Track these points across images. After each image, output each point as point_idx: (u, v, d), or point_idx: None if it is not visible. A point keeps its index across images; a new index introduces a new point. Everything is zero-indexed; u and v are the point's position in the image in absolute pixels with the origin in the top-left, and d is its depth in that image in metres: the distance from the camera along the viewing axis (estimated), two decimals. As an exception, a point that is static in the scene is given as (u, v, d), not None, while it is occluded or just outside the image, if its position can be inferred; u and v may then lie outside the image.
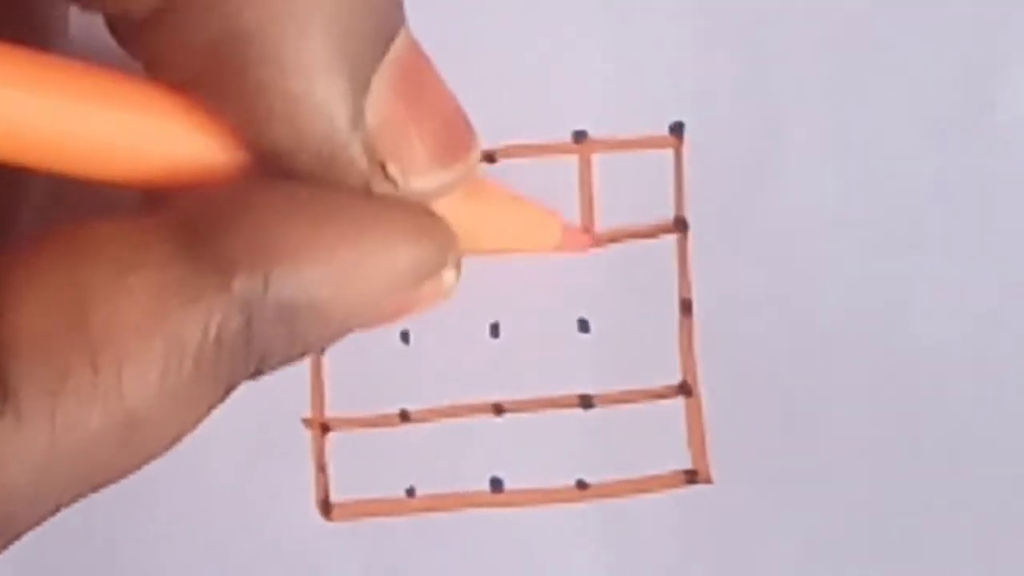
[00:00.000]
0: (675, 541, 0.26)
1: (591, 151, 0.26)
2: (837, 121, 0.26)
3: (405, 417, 0.26)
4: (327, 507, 0.26)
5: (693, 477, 0.26)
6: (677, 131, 0.26)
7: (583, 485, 0.26)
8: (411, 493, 0.26)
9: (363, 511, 0.26)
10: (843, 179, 0.26)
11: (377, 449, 0.26)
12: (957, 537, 0.26)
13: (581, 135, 0.26)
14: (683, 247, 0.26)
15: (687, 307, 0.26)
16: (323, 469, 0.26)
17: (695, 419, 0.26)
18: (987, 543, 0.26)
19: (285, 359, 0.20)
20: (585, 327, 0.26)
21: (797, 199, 0.26)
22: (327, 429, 0.26)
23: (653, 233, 0.26)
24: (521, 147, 0.26)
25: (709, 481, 0.26)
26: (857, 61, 0.26)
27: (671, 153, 0.26)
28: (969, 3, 0.26)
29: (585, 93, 0.26)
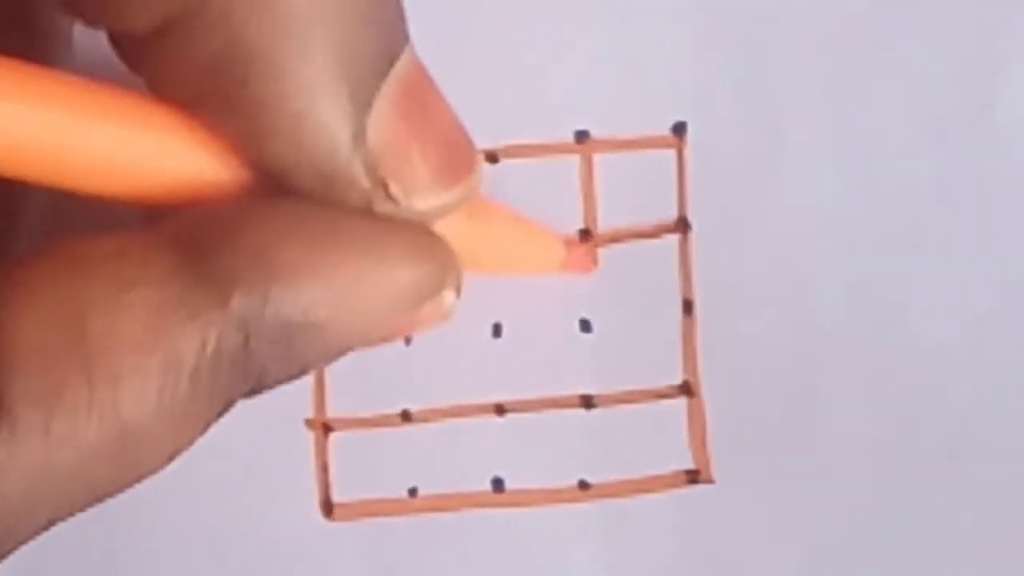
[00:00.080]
0: (676, 541, 0.26)
1: (593, 151, 0.26)
2: (837, 121, 0.26)
3: (407, 417, 0.26)
4: (329, 507, 0.26)
5: (695, 477, 0.26)
6: (679, 131, 0.26)
7: (585, 485, 0.26)
8: (413, 493, 0.26)
9: (365, 511, 0.26)
10: (844, 179, 0.26)
11: (379, 449, 0.26)
12: (957, 537, 0.26)
13: (583, 135, 0.26)
14: (685, 247, 0.26)
15: (689, 307, 0.26)
16: (325, 469, 0.26)
17: (697, 419, 0.26)
18: (987, 543, 0.26)
19: (283, 377, 0.20)
20: (587, 327, 0.26)
21: (798, 199, 0.26)
22: (329, 429, 0.26)
23: (655, 233, 0.26)
24: (523, 147, 0.26)
25: (711, 481, 0.26)
26: (857, 61, 0.26)
27: (673, 153, 0.26)
28: (969, 3, 0.26)
29: (587, 93, 0.26)
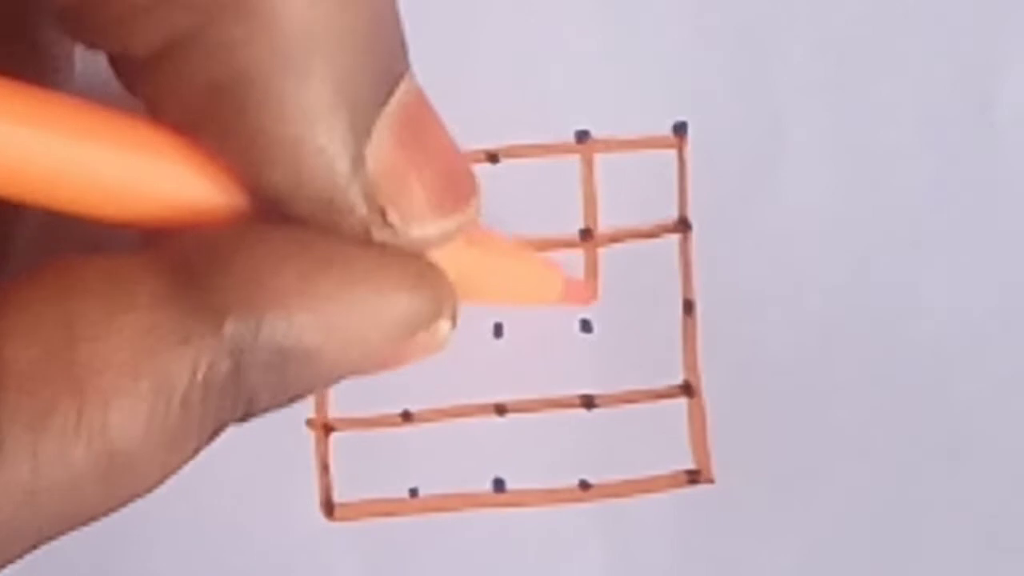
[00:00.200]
0: (677, 541, 0.26)
1: (594, 151, 0.26)
2: (837, 121, 0.26)
3: (408, 418, 0.26)
4: (330, 507, 0.26)
5: (695, 477, 0.26)
6: (680, 131, 0.26)
7: (586, 485, 0.26)
8: (414, 493, 0.26)
9: (366, 511, 0.26)
10: (844, 179, 0.26)
11: (380, 450, 0.26)
12: (957, 537, 0.26)
13: (584, 135, 0.26)
14: (686, 247, 0.26)
15: (690, 307, 0.26)
16: (326, 469, 0.26)
17: (697, 419, 0.26)
18: (987, 543, 0.26)
19: (274, 404, 0.20)
20: (587, 327, 0.26)
21: (798, 199, 0.26)
22: (330, 430, 0.26)
23: (656, 233, 0.26)
24: (523, 147, 0.26)
25: (711, 481, 0.26)
26: (857, 61, 0.26)
27: (674, 153, 0.26)
28: (969, 3, 0.26)
29: (587, 93, 0.26)
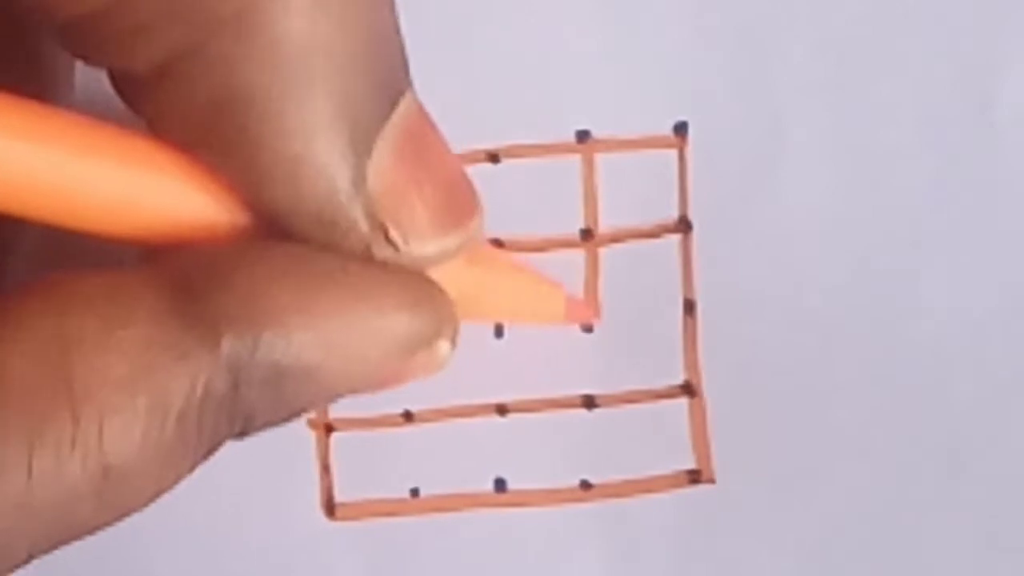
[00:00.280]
0: (677, 541, 0.26)
1: (594, 151, 0.26)
2: (837, 121, 0.26)
3: (409, 418, 0.26)
4: (331, 507, 0.26)
5: (696, 477, 0.26)
6: (681, 131, 0.26)
7: (587, 485, 0.26)
8: (415, 493, 0.26)
9: (367, 511, 0.26)
10: (844, 179, 0.26)
11: (381, 450, 0.26)
12: (957, 537, 0.26)
13: (584, 135, 0.26)
14: (687, 247, 0.26)
15: (691, 307, 0.26)
16: (327, 469, 0.26)
17: (698, 419, 0.26)
18: (987, 543, 0.26)
19: (272, 421, 0.20)
20: (588, 327, 0.26)
21: (798, 199, 0.26)
22: (331, 429, 0.26)
23: (656, 233, 0.26)
24: (524, 147, 0.26)
25: (712, 481, 0.26)
26: (857, 61, 0.26)
27: (674, 153, 0.26)
28: (969, 3, 0.26)
29: (588, 93, 0.26)
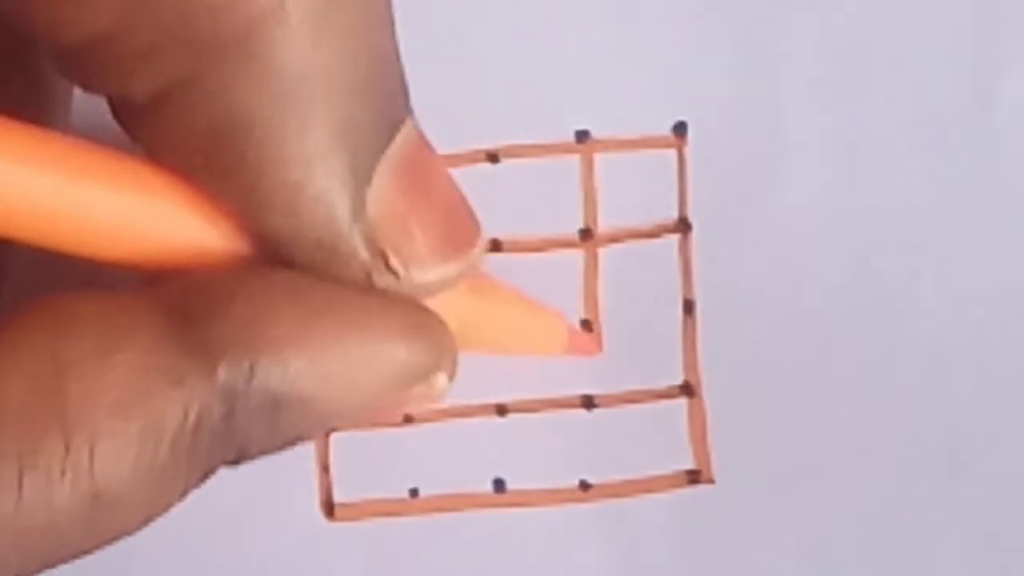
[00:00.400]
0: (677, 541, 0.26)
1: (593, 151, 0.26)
2: (837, 121, 0.26)
3: (408, 418, 0.26)
4: (330, 507, 0.26)
5: (695, 477, 0.26)
6: (680, 131, 0.26)
7: (586, 485, 0.26)
8: (414, 494, 0.26)
9: (366, 512, 0.26)
10: (844, 179, 0.26)
11: (380, 450, 0.26)
12: (957, 537, 0.26)
13: (584, 135, 0.26)
14: (686, 247, 0.26)
15: (690, 307, 0.26)
16: (326, 469, 0.26)
17: (697, 419, 0.26)
18: (987, 543, 0.26)
19: (266, 449, 0.20)
20: (587, 327, 0.26)
21: (798, 199, 0.26)
22: (330, 430, 0.26)
23: (656, 233, 0.26)
24: (523, 147, 0.26)
25: (711, 481, 0.26)
26: (857, 61, 0.26)
27: (674, 153, 0.26)
28: (969, 3, 0.26)
29: (587, 93, 0.26)
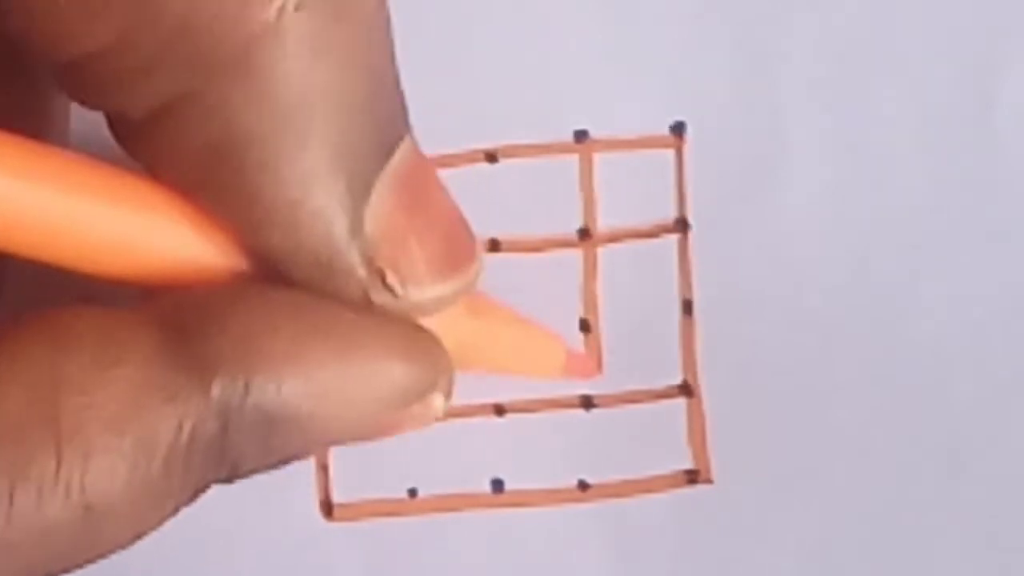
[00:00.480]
0: (676, 541, 0.26)
1: (592, 151, 0.26)
2: (837, 121, 0.26)
3: (407, 418, 0.26)
4: (329, 508, 0.26)
5: (694, 477, 0.26)
6: (678, 131, 0.26)
7: (584, 485, 0.26)
8: (413, 494, 0.26)
9: (365, 512, 0.26)
10: (844, 179, 0.26)
11: (379, 450, 0.26)
12: (957, 537, 0.26)
13: (582, 135, 0.26)
14: (684, 247, 0.26)
15: (688, 307, 0.26)
16: (325, 470, 0.26)
17: (696, 419, 0.26)
18: (987, 543, 0.26)
19: (260, 467, 0.20)
20: (586, 327, 0.26)
21: (798, 199, 0.26)
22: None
23: (654, 233, 0.26)
24: (522, 147, 0.26)
25: (710, 481, 0.26)
26: (857, 61, 0.26)
27: (672, 153, 0.26)
28: (969, 3, 0.26)
29: (586, 93, 0.26)
